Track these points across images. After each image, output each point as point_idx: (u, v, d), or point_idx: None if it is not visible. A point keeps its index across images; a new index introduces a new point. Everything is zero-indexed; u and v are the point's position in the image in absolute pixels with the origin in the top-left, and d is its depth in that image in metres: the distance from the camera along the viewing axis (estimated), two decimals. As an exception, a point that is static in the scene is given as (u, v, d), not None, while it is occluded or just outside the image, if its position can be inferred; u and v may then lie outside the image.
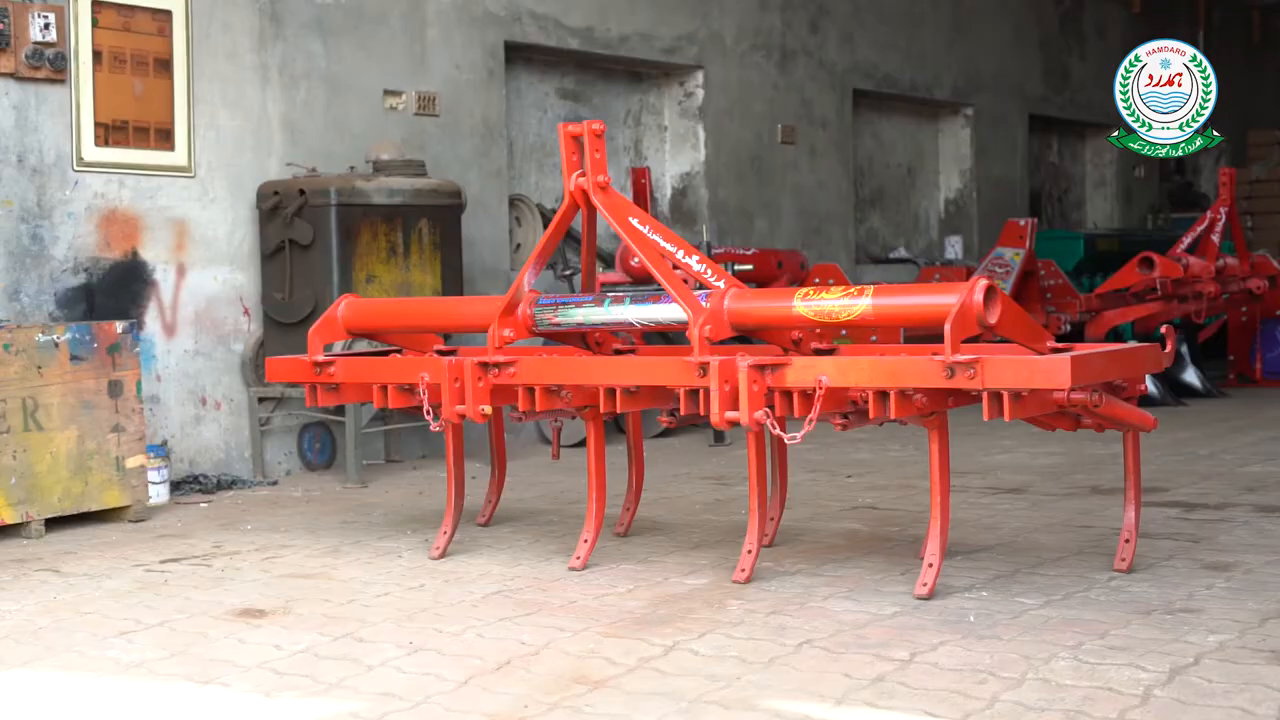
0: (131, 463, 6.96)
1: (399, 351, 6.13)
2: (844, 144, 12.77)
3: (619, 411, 5.24)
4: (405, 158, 8.60)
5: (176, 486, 7.86)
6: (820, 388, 4.76)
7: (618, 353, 5.77)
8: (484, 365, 5.37)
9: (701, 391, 4.97)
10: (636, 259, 9.69)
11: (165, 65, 8.00)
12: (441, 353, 6.15)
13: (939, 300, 4.70)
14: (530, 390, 5.35)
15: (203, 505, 7.47)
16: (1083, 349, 4.90)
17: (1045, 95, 15.54)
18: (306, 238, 8.03)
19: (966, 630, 4.45)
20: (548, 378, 5.32)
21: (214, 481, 8.00)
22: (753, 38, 11.77)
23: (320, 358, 5.79)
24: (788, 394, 4.87)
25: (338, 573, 5.61)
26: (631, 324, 5.28)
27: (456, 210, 8.57)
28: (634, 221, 5.24)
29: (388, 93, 9.08)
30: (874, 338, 8.08)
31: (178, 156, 8.07)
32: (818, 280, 10.88)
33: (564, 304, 5.42)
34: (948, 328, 4.51)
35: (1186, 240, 11.73)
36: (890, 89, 13.39)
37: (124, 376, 6.94)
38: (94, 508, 6.85)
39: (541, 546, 5.99)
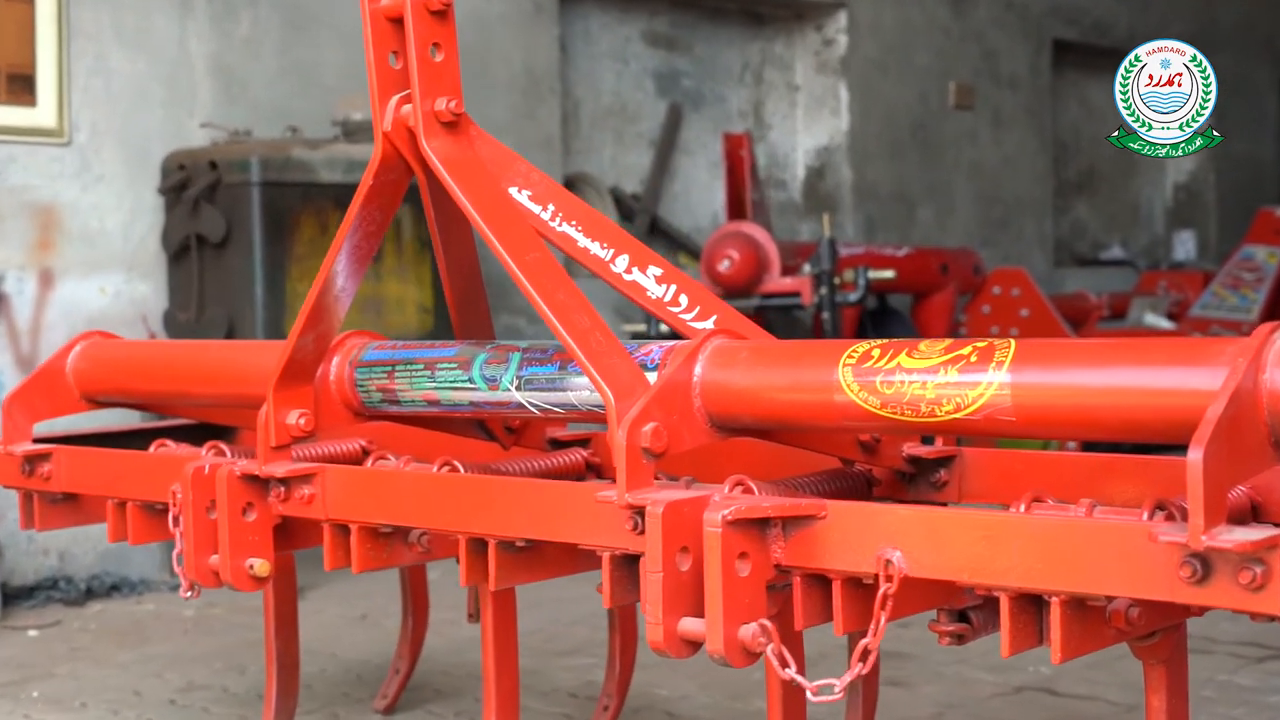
0: (-113, 579, 4.53)
1: (206, 433, 3.54)
2: (1040, 110, 10.03)
3: (496, 586, 2.57)
4: (387, 118, 6.03)
5: (30, 593, 5.45)
6: (889, 578, 2.05)
7: (558, 445, 3.12)
8: (257, 481, 2.76)
9: (642, 562, 2.31)
10: (726, 260, 7.03)
11: (23, -17, 5.57)
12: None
13: (1167, 383, 1.96)
14: (343, 530, 2.73)
15: (31, 634, 5.02)
16: None
17: (1303, 52, 12.58)
18: (217, 232, 5.53)
19: None
20: (368, 511, 2.68)
21: (82, 588, 5.53)
22: (916, -32, 9.05)
23: (25, 448, 3.24)
24: (820, 580, 2.18)
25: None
26: (521, 405, 2.62)
27: (459, 193, 5.97)
28: (521, 196, 2.57)
29: (379, 29, 6.52)
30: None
31: (42, 114, 5.62)
32: (996, 290, 8.10)
33: (408, 361, 2.77)
34: (1197, 460, 1.76)
35: None
36: (1102, 40, 10.60)
37: (-127, 446, 4.50)
38: None
39: (435, 783, 3.38)
